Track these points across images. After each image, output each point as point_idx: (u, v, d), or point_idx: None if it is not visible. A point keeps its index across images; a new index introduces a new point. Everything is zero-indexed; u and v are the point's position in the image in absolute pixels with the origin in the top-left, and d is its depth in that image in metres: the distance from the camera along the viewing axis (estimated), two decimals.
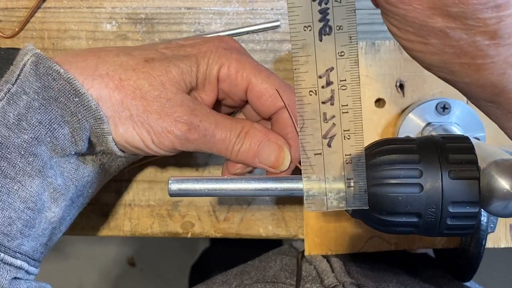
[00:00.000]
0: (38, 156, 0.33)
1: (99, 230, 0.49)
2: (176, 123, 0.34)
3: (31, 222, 0.33)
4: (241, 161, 0.37)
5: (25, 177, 0.33)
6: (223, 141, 0.36)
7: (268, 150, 0.37)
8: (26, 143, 0.32)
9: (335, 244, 0.46)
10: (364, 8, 0.47)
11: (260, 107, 0.37)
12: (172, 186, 0.33)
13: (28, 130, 0.33)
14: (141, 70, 0.34)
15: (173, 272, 1.35)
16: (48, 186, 0.34)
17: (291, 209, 0.48)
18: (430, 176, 0.29)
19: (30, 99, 0.33)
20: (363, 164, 0.30)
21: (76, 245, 1.37)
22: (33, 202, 0.33)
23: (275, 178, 0.33)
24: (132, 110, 0.34)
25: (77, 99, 0.33)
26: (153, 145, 0.35)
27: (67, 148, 0.34)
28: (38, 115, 0.33)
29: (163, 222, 0.48)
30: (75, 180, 0.37)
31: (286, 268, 0.45)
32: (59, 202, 0.35)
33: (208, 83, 0.36)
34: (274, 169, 0.37)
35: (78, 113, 0.33)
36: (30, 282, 0.34)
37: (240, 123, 0.37)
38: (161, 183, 0.48)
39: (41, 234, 0.35)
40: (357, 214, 0.32)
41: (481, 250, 0.42)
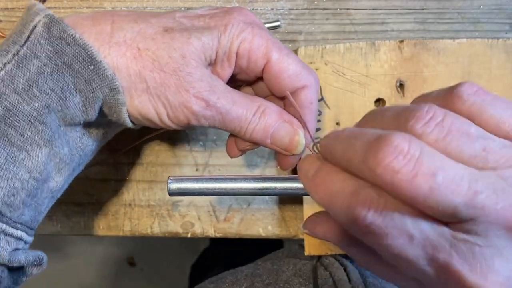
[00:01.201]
0: (47, 125, 0.32)
1: (99, 230, 0.49)
2: (194, 99, 0.33)
3: (34, 192, 0.32)
4: (253, 140, 0.36)
5: (33, 147, 0.31)
6: (239, 119, 0.35)
7: (283, 132, 0.36)
8: (37, 111, 0.31)
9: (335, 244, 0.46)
10: (364, 8, 0.47)
11: (276, 86, 0.36)
12: (171, 185, 0.33)
13: (39, 98, 0.31)
14: (160, 40, 0.33)
15: (173, 272, 1.35)
16: (54, 156, 0.33)
17: (291, 209, 0.48)
18: None
19: (42, 64, 0.31)
20: None
21: (76, 245, 1.37)
22: (39, 172, 0.32)
23: (275, 177, 0.33)
24: (150, 82, 0.33)
25: (92, 67, 0.31)
26: (167, 119, 0.34)
27: (77, 117, 0.33)
28: (49, 81, 0.31)
29: (163, 222, 0.48)
30: (80, 150, 0.35)
31: (300, 274, 0.44)
32: (63, 171, 0.34)
33: (226, 58, 0.35)
34: (287, 151, 0.37)
35: (92, 82, 0.32)
36: (27, 252, 0.33)
37: (256, 102, 0.36)
38: (161, 183, 0.48)
39: (41, 203, 0.34)
40: None
41: None
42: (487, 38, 0.45)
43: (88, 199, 0.48)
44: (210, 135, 0.48)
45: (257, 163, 0.48)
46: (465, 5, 0.47)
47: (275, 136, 0.36)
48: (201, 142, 0.48)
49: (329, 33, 0.47)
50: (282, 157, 0.38)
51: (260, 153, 0.48)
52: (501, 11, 0.47)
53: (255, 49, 0.34)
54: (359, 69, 0.45)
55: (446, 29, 0.47)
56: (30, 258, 0.33)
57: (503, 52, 0.45)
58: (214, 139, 0.48)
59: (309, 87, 0.35)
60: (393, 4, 0.47)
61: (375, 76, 0.45)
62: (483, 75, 0.45)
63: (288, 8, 0.47)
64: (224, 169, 0.48)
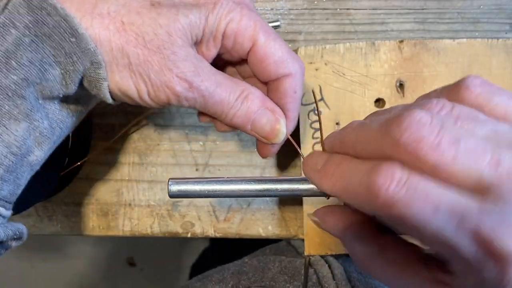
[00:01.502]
0: (26, 98, 0.30)
1: (99, 230, 0.49)
2: (177, 79, 0.32)
3: (13, 167, 0.31)
4: (233, 124, 0.36)
5: (11, 121, 0.30)
6: (221, 103, 0.34)
7: (264, 120, 0.35)
8: (15, 84, 0.30)
9: (335, 244, 0.46)
10: (364, 8, 0.47)
11: (260, 70, 0.35)
12: (172, 187, 0.33)
13: (17, 70, 0.30)
14: (146, 15, 0.31)
15: (173, 272, 1.35)
16: (34, 130, 0.32)
17: (291, 209, 0.48)
18: None
19: (20, 35, 0.29)
20: None
21: (76, 245, 1.37)
22: (18, 147, 0.31)
23: (275, 179, 0.33)
24: (132, 58, 0.32)
25: (73, 39, 0.30)
26: (147, 97, 0.33)
27: (56, 91, 0.32)
28: (28, 53, 0.30)
29: (163, 222, 0.48)
30: (60, 122, 0.34)
31: (285, 271, 0.44)
32: (43, 145, 0.33)
33: (213, 38, 0.34)
34: (267, 140, 0.36)
35: (73, 55, 0.31)
36: (6, 226, 0.33)
37: (240, 86, 0.35)
38: (161, 183, 0.48)
39: (20, 177, 0.33)
40: None
41: None
42: (487, 38, 0.45)
43: (88, 199, 0.48)
44: (210, 135, 0.48)
45: (257, 163, 0.48)
46: (465, 5, 0.47)
47: (256, 123, 0.35)
48: (201, 142, 0.48)
49: (329, 33, 0.47)
50: (262, 144, 0.37)
51: None
52: (501, 11, 0.47)
53: (242, 30, 0.34)
54: (359, 69, 0.45)
55: (446, 29, 0.47)
56: (9, 232, 0.32)
57: (503, 52, 0.45)
58: (214, 139, 0.48)
59: (294, 75, 0.35)
60: (393, 4, 0.47)
61: (375, 76, 0.45)
62: (483, 75, 0.45)
63: (287, 8, 0.47)
64: (224, 169, 0.48)
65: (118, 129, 0.48)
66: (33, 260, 1.35)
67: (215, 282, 0.44)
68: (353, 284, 0.42)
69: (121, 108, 0.48)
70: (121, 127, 0.48)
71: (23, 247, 1.31)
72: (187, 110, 0.48)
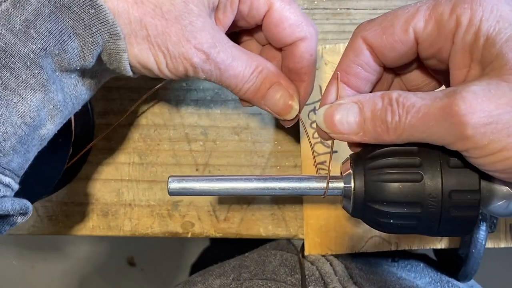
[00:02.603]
0: (43, 68, 0.30)
1: (99, 230, 0.49)
2: (195, 51, 0.32)
3: (25, 138, 0.31)
4: (246, 98, 0.36)
5: (27, 90, 0.30)
6: (235, 77, 0.34)
7: (278, 96, 0.35)
8: (34, 53, 0.29)
9: (335, 244, 0.46)
10: (364, 8, 0.47)
11: (276, 35, 0.35)
12: (171, 185, 0.33)
13: (36, 40, 0.29)
14: None
15: (173, 272, 1.35)
16: (48, 102, 0.31)
17: (291, 209, 0.48)
18: (430, 165, 0.29)
19: (40, 5, 0.29)
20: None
21: (76, 245, 1.37)
22: (31, 117, 0.30)
23: (275, 177, 0.33)
24: (150, 30, 0.31)
25: (92, 11, 0.30)
26: (166, 69, 0.33)
27: (74, 63, 0.31)
28: (47, 23, 0.29)
29: (163, 222, 0.48)
30: (74, 97, 0.34)
31: (286, 264, 0.44)
32: (55, 119, 0.33)
33: (229, 3, 0.34)
34: (279, 115, 0.36)
35: (92, 26, 0.30)
36: (13, 200, 0.32)
37: (255, 60, 0.35)
38: (161, 183, 0.48)
39: (29, 150, 0.32)
40: (357, 212, 0.32)
41: (481, 250, 0.42)
42: None
43: (88, 199, 0.48)
44: (210, 135, 0.48)
45: (257, 163, 0.48)
46: None
47: (269, 99, 0.35)
48: (201, 142, 0.48)
49: (329, 33, 0.47)
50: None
51: (260, 153, 0.48)
52: None
53: None
54: None
55: None
56: (16, 207, 0.32)
57: None
58: (214, 139, 0.48)
59: (310, 38, 0.35)
60: (393, 4, 0.47)
61: None
62: None
63: None
64: (224, 169, 0.48)
65: (119, 129, 0.48)
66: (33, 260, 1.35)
67: (216, 276, 0.44)
68: (355, 280, 0.42)
69: (121, 108, 0.48)
70: (121, 127, 0.48)
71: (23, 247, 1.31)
72: (187, 110, 0.48)
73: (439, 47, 0.29)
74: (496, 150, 0.25)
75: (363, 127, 0.30)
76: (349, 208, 0.32)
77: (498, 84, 0.25)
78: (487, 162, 0.26)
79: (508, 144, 0.25)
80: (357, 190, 0.30)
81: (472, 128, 0.25)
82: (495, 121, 0.25)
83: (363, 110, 0.30)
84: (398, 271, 0.47)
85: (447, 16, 0.28)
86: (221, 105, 0.48)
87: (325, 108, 0.31)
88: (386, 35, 0.30)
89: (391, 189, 0.29)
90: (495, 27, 0.27)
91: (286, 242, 0.50)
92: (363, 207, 0.31)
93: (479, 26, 0.27)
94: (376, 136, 0.29)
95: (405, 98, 0.28)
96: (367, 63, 0.31)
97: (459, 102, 0.25)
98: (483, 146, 0.25)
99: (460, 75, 0.29)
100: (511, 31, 0.26)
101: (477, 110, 0.25)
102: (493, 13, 0.27)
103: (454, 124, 0.25)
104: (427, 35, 0.29)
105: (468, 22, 0.27)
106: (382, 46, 0.30)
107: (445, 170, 0.29)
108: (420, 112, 0.27)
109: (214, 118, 0.48)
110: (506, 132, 0.25)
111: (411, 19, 0.29)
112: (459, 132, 0.26)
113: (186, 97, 0.48)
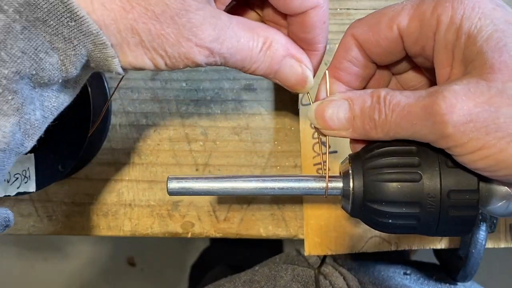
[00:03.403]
0: (18, 92, 0.27)
1: (99, 230, 0.49)
2: (197, 49, 0.29)
3: (1, 162, 0.29)
4: (256, 74, 0.33)
5: (0, 117, 0.27)
6: (243, 60, 0.32)
7: (290, 71, 0.33)
8: (6, 79, 0.26)
9: (335, 244, 0.46)
10: (364, 8, 0.47)
11: (285, 5, 0.32)
12: (171, 184, 0.33)
13: (8, 63, 0.26)
14: None
15: (173, 272, 1.35)
16: (24, 123, 0.29)
17: (291, 209, 0.48)
18: (428, 165, 0.29)
19: (10, 20, 0.26)
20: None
21: (76, 245, 1.37)
22: (6, 143, 0.28)
23: (275, 177, 0.33)
24: (144, 35, 0.28)
25: (73, 23, 0.27)
26: (164, 67, 0.31)
27: (55, 77, 0.29)
28: (20, 42, 0.26)
29: (163, 222, 0.48)
30: (54, 109, 0.31)
31: (298, 279, 0.44)
32: (34, 136, 0.30)
33: None
34: (292, 89, 0.34)
35: (73, 39, 0.27)
36: None
37: (262, 33, 0.32)
38: (161, 183, 0.48)
39: (7, 167, 0.30)
40: (356, 212, 0.32)
41: (481, 250, 0.42)
42: None
43: (88, 199, 0.48)
44: (210, 135, 0.48)
45: (257, 163, 0.48)
46: None
47: (281, 74, 0.33)
48: (201, 142, 0.48)
49: (329, 33, 0.47)
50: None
51: (260, 153, 0.48)
52: None
53: None
54: None
55: None
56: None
57: None
58: (214, 139, 0.48)
59: (321, 6, 0.32)
60: None
61: None
62: None
63: None
64: (224, 169, 0.48)
65: (119, 129, 0.48)
66: (33, 260, 1.35)
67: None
68: None
69: (121, 109, 0.48)
70: (121, 127, 0.48)
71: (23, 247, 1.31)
72: (187, 110, 0.48)
73: (423, 45, 0.29)
74: (476, 148, 0.26)
75: (353, 124, 0.30)
76: (348, 208, 0.32)
77: (477, 83, 0.25)
78: (469, 160, 0.27)
79: (487, 142, 0.25)
80: (356, 190, 0.30)
81: (452, 127, 0.25)
82: (474, 120, 0.25)
83: (353, 107, 0.30)
84: (411, 284, 0.47)
85: (429, 14, 0.28)
86: (221, 105, 0.48)
87: (317, 104, 0.32)
88: (373, 32, 0.30)
89: (389, 189, 0.29)
90: (477, 25, 0.27)
91: (296, 254, 0.50)
92: (362, 207, 0.31)
93: (460, 24, 0.27)
94: (365, 133, 0.30)
95: (392, 96, 0.28)
96: (356, 58, 0.32)
97: (440, 101, 0.26)
98: (463, 144, 0.26)
99: (445, 73, 0.29)
100: (492, 28, 0.26)
101: (457, 109, 0.25)
102: (474, 11, 0.27)
103: (436, 123, 0.26)
104: (410, 33, 0.29)
105: (449, 20, 0.27)
106: (368, 43, 0.31)
107: (444, 170, 0.29)
108: (404, 110, 0.27)
109: (214, 118, 0.48)
110: (485, 130, 0.25)
111: (396, 17, 0.29)
112: (440, 131, 0.26)
113: (186, 97, 0.48)
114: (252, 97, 0.48)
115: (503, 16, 0.27)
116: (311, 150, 0.45)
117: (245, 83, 0.47)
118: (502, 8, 0.27)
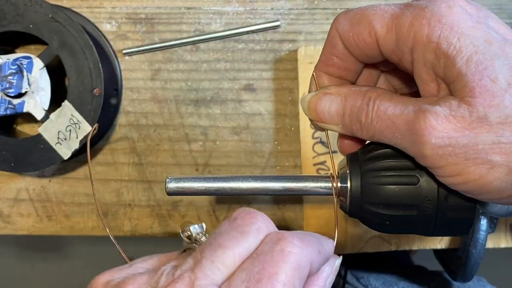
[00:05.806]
0: None
1: (99, 230, 0.49)
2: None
3: None
4: None
5: None
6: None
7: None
8: None
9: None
10: None
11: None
12: (169, 184, 0.33)
13: None
14: None
15: None
16: None
17: (291, 209, 0.48)
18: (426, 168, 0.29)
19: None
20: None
21: (76, 245, 1.37)
22: None
23: (275, 177, 0.33)
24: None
25: None
26: None
27: None
28: None
29: (163, 222, 0.48)
30: None
31: None
32: None
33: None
34: None
35: None
36: None
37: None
38: (161, 183, 0.48)
39: None
40: (354, 213, 0.32)
41: (481, 250, 0.42)
42: None
43: (88, 199, 0.48)
44: (210, 135, 0.48)
45: (257, 163, 0.48)
46: None
47: None
48: (201, 142, 0.48)
49: None
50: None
51: (260, 153, 0.48)
52: (501, 11, 0.47)
53: None
54: None
55: None
56: None
57: None
58: (214, 139, 0.48)
59: None
60: None
61: None
62: None
63: (288, 8, 0.47)
64: (224, 169, 0.48)
65: (118, 129, 0.48)
66: (33, 260, 1.35)
67: None
68: None
69: (121, 109, 0.48)
70: (121, 127, 0.48)
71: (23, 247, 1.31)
72: (187, 110, 0.48)
73: (399, 57, 0.28)
74: (455, 173, 0.25)
75: (342, 121, 0.30)
76: (346, 208, 0.32)
77: (459, 106, 0.25)
78: (450, 183, 0.26)
79: (466, 167, 0.25)
80: (354, 191, 0.30)
81: (430, 149, 0.25)
82: (453, 144, 0.25)
83: (345, 105, 0.30)
84: None
85: (405, 30, 0.27)
86: (221, 105, 0.48)
87: (311, 95, 0.31)
88: (352, 33, 0.29)
89: (387, 192, 0.29)
90: (456, 45, 0.26)
91: None
92: (359, 208, 0.31)
93: (438, 44, 0.26)
94: (352, 132, 0.30)
95: (381, 101, 0.28)
96: (343, 54, 0.31)
97: (421, 121, 0.25)
98: (442, 167, 0.26)
99: (429, 89, 0.28)
100: (472, 50, 0.25)
101: (437, 131, 0.25)
102: (453, 30, 0.26)
103: (415, 142, 0.26)
104: (386, 44, 0.28)
105: (425, 39, 0.26)
106: (349, 42, 0.30)
107: None
108: (389, 120, 0.27)
109: (214, 118, 0.48)
110: (464, 156, 0.25)
111: (375, 23, 0.28)
112: (419, 150, 0.26)
113: (186, 97, 0.48)
114: (252, 97, 0.47)
115: (483, 35, 0.26)
116: (311, 150, 0.45)
117: (245, 83, 0.47)
118: (482, 25, 0.26)
